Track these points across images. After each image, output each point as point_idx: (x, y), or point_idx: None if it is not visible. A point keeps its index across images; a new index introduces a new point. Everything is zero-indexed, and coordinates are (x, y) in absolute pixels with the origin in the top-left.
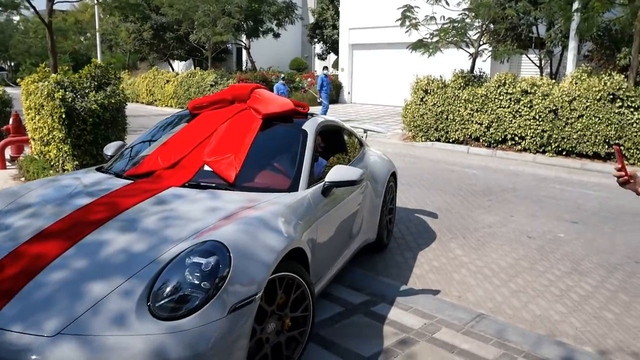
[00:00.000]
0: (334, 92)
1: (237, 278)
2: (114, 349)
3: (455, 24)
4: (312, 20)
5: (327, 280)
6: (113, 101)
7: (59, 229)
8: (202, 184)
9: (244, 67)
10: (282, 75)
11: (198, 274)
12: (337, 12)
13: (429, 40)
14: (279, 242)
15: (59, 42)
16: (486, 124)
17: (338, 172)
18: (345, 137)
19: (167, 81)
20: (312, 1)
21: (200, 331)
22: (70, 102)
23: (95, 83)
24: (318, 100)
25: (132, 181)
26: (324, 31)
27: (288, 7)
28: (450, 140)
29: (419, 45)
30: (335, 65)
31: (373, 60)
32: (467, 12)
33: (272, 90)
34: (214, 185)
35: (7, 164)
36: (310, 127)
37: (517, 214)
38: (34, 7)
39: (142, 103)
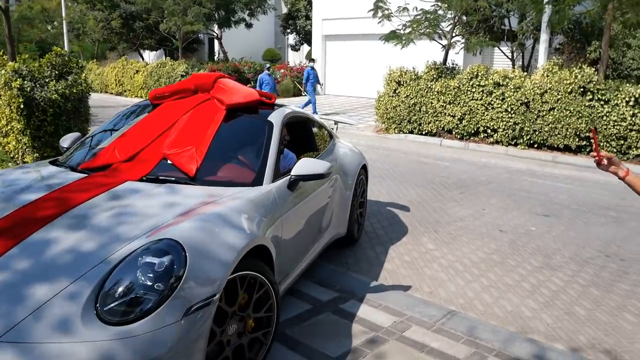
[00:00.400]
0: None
1: (193, 278)
2: (57, 356)
3: (428, 15)
4: (285, 10)
5: (294, 277)
6: (75, 91)
7: (2, 227)
8: (161, 177)
9: (216, 58)
10: (268, 65)
11: (151, 275)
12: (310, 3)
13: (402, 31)
14: (240, 240)
15: (24, 30)
16: (459, 116)
17: (305, 166)
18: (315, 129)
19: (137, 71)
20: None
21: (153, 336)
22: (29, 91)
23: (56, 72)
24: (303, 94)
25: (86, 175)
26: (297, 22)
27: None
28: (423, 133)
29: (392, 36)
30: (309, 56)
31: (346, 52)
32: (439, 4)
33: (241, 81)
34: (173, 179)
35: None
36: (276, 118)
37: (489, 207)
38: None
39: (111, 93)
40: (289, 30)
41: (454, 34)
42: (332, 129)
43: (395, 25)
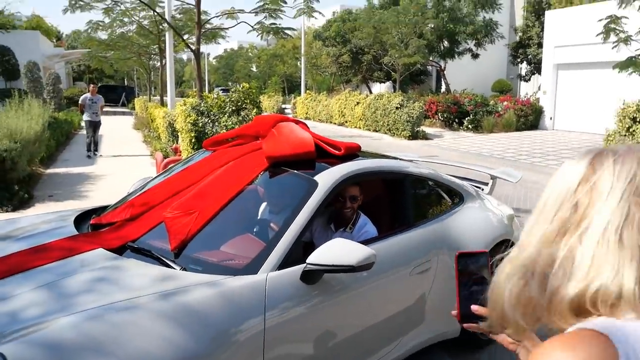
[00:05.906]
0: (532, 117)
1: None
2: None
3: None
4: (516, 39)
5: None
6: None
7: None
8: (139, 248)
9: (442, 89)
10: None
11: None
12: (543, 29)
13: None
14: None
15: (275, 65)
16: None
17: (329, 251)
18: (423, 190)
19: (357, 103)
20: (519, 18)
21: None
22: (201, 126)
23: (233, 107)
24: None
25: (77, 233)
26: (528, 50)
27: (487, 26)
28: None
29: (628, 63)
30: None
31: (581, 82)
32: None
33: (460, 114)
34: (151, 252)
35: None
36: (326, 177)
37: None
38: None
39: (334, 124)
40: (519, 60)
41: None
42: (489, 184)
43: (633, 51)
